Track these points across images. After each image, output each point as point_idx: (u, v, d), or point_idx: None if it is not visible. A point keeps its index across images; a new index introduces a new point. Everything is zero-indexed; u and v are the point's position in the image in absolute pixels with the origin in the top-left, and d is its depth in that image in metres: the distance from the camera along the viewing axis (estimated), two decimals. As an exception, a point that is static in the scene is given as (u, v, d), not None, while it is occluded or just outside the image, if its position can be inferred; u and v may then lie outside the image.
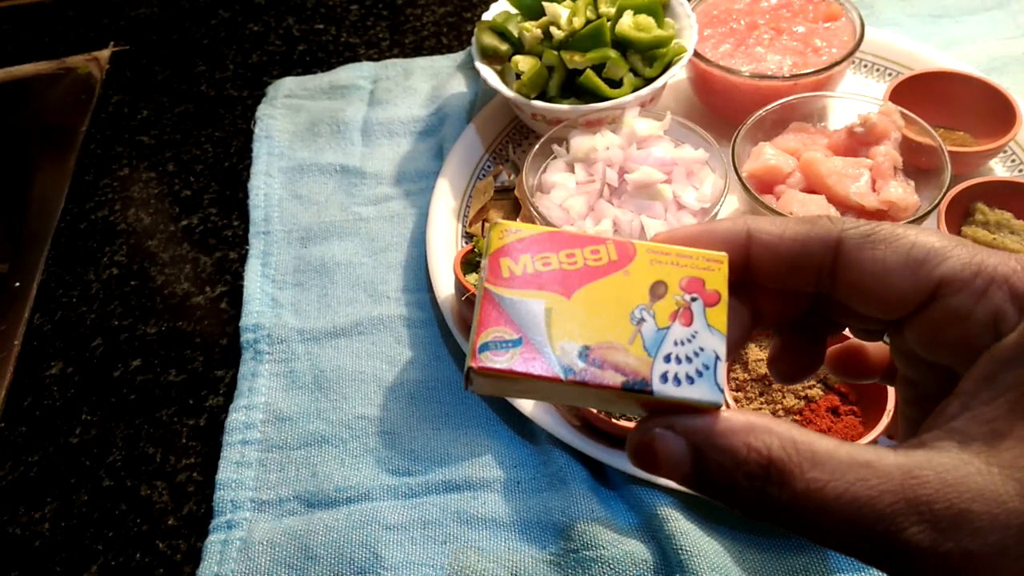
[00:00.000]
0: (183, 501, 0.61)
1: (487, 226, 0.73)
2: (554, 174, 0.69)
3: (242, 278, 0.73)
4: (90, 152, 0.88)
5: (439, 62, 0.92)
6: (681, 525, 0.55)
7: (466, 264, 0.64)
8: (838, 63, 0.74)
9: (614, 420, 0.56)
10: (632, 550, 0.54)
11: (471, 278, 0.62)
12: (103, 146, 0.89)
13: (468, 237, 0.73)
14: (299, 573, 0.56)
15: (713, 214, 0.64)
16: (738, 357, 0.59)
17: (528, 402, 0.60)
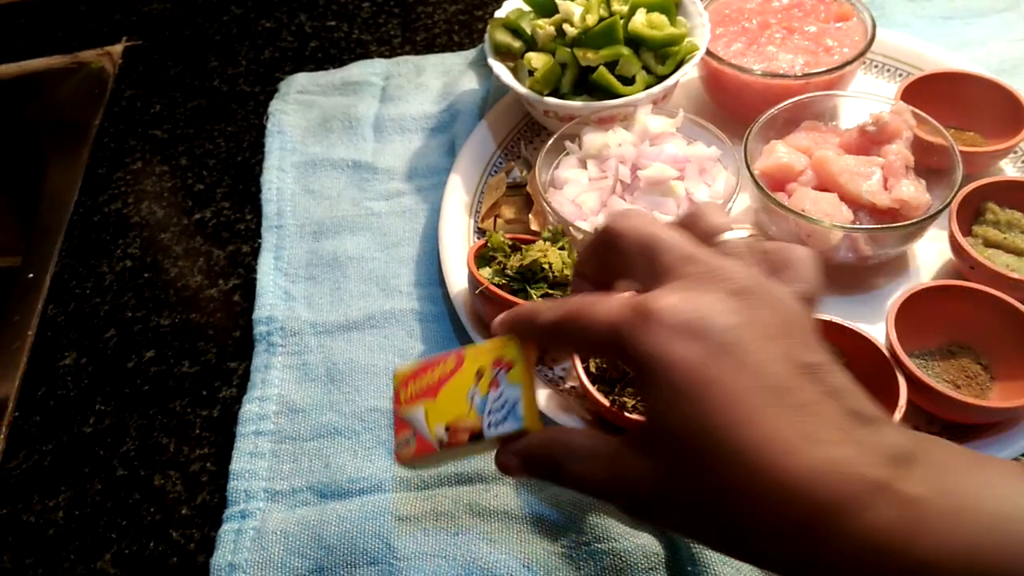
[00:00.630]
0: (197, 491, 0.61)
1: (497, 223, 0.74)
2: (567, 170, 0.69)
3: (255, 271, 0.74)
4: (103, 146, 0.89)
5: (451, 59, 0.92)
6: (692, 518, 0.55)
7: (479, 258, 0.64)
8: (850, 62, 0.74)
9: (626, 413, 0.56)
10: (644, 543, 0.55)
11: (484, 272, 0.62)
12: (116, 140, 0.89)
13: (480, 232, 0.73)
14: (312, 562, 0.56)
15: (726, 211, 0.64)
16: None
17: (541, 396, 0.60)
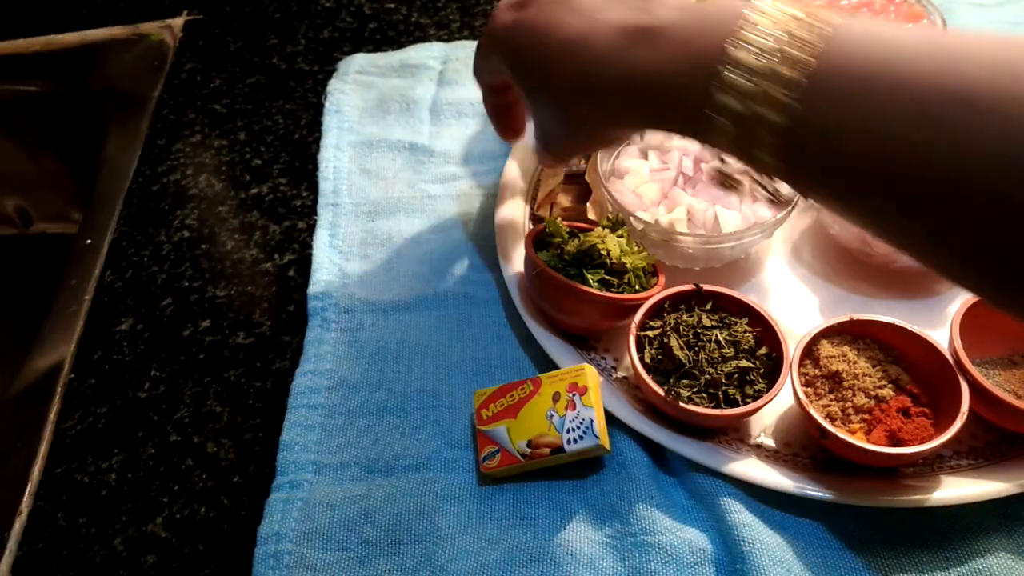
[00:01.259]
0: (248, 460, 0.62)
1: (553, 211, 0.74)
2: (628, 160, 0.69)
3: (310, 248, 0.74)
4: (163, 117, 0.90)
5: (509, 46, 0.92)
6: (744, 517, 0.54)
7: (536, 243, 0.64)
8: (919, 64, 0.72)
9: (681, 404, 0.56)
10: (691, 538, 0.54)
11: (542, 255, 0.62)
12: (176, 112, 0.90)
13: (536, 219, 0.73)
14: (357, 536, 0.56)
15: (789, 208, 0.63)
16: (809, 352, 0.59)
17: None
